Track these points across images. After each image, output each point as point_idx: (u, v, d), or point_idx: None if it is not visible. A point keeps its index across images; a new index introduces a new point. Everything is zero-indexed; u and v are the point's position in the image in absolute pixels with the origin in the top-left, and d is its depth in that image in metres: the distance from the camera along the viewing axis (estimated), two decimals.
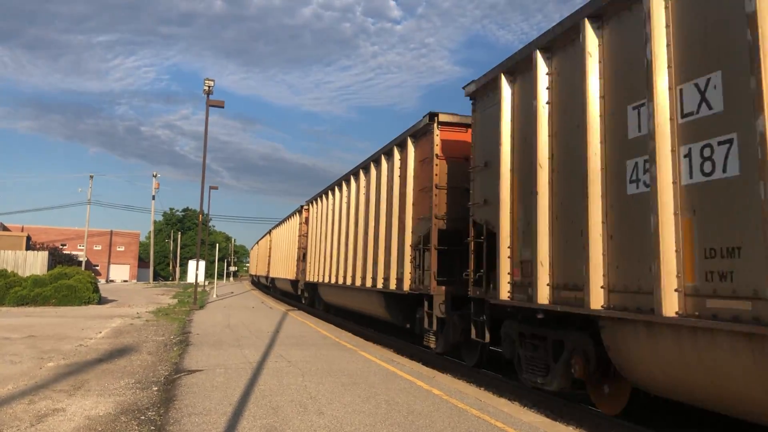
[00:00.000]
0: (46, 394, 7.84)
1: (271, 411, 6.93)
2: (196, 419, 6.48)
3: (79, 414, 6.81)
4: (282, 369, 9.88)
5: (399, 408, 7.21)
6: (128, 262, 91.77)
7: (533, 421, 6.85)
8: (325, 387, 8.41)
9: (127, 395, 7.87)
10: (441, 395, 8.04)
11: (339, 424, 6.42)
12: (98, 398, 7.64)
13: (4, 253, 29.99)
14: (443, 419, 6.71)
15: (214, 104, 26.24)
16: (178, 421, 6.41)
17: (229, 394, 7.82)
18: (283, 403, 7.36)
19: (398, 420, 6.64)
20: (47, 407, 7.12)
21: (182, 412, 6.80)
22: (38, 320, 18.66)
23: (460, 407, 7.34)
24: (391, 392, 8.14)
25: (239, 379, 8.84)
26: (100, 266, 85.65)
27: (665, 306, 5.60)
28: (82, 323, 17.95)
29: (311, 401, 7.49)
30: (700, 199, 5.50)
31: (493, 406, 7.53)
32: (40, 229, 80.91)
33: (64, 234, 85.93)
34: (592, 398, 7.53)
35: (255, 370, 9.66)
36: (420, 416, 6.82)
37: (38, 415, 6.73)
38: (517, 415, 7.10)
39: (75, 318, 19.81)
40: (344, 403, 7.43)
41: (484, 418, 6.83)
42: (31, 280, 26.35)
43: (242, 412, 6.86)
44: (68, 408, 7.09)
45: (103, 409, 7.05)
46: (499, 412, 7.13)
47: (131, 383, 8.69)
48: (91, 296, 26.89)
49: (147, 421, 6.57)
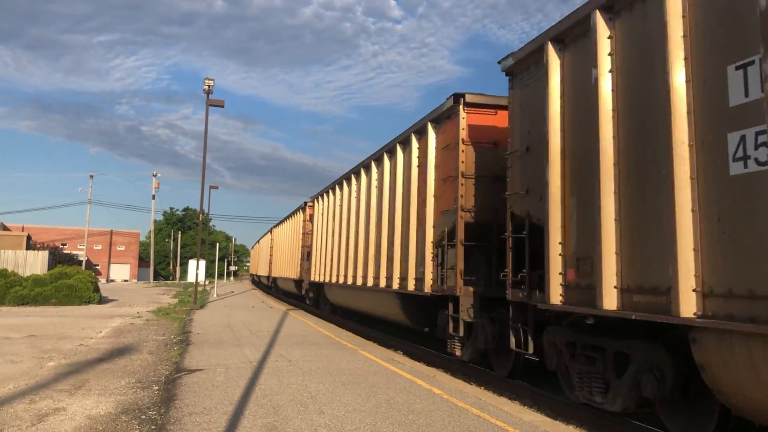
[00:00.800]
0: (46, 394, 7.85)
1: (272, 410, 6.93)
2: (197, 418, 6.49)
3: (80, 413, 6.82)
4: (282, 368, 9.89)
5: (399, 407, 7.22)
6: (128, 261, 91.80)
7: (534, 420, 6.86)
8: (326, 386, 8.42)
9: (128, 394, 7.88)
10: (441, 394, 8.04)
11: (339, 423, 6.43)
12: (99, 398, 7.65)
13: (4, 253, 30.00)
14: (443, 418, 6.71)
15: (214, 103, 26.26)
16: (179, 420, 6.41)
17: (230, 393, 7.83)
18: (284, 402, 7.37)
19: (398, 419, 6.64)
20: (48, 407, 7.13)
21: (183, 411, 6.81)
22: (39, 320, 18.67)
23: (461, 406, 7.35)
24: (392, 391, 8.15)
25: (240, 379, 8.85)
26: (101, 266, 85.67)
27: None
28: (83, 323, 17.96)
29: (311, 400, 7.49)
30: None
31: (493, 405, 7.54)
32: (40, 229, 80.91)
33: (64, 233, 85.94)
34: (665, 422, 6.39)
35: (255, 370, 9.67)
36: (420, 415, 6.82)
37: (39, 415, 6.74)
38: (517, 414, 7.11)
39: (75, 317, 19.83)
40: (344, 402, 7.44)
41: (484, 417, 6.83)
42: (32, 279, 26.37)
43: (243, 411, 6.87)
44: (69, 407, 7.10)
45: (104, 409, 7.06)
46: (499, 411, 7.14)
47: (132, 382, 8.70)
48: (92, 296, 26.91)
49: (148, 420, 6.58)
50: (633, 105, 6.39)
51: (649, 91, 6.09)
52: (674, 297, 5.40)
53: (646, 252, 5.99)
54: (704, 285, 5.26)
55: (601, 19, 6.85)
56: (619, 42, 6.72)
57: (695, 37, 5.62)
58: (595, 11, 6.85)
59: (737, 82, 5.11)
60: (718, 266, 5.14)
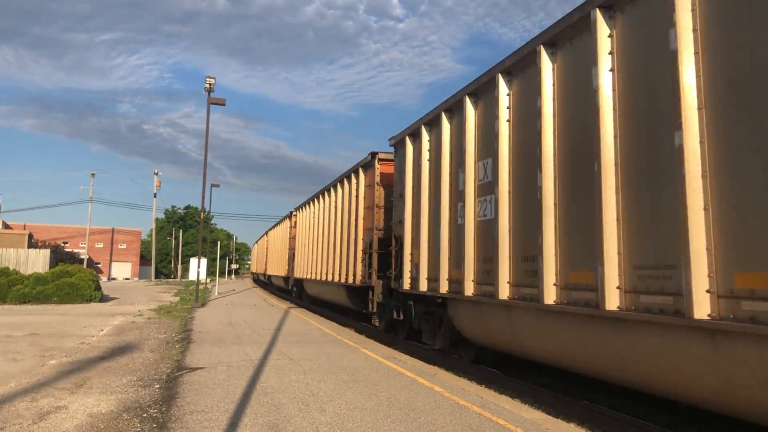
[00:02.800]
0: (48, 392, 7.86)
1: (273, 408, 6.93)
2: (198, 416, 6.49)
3: (81, 411, 6.83)
4: (283, 366, 9.89)
5: (400, 405, 7.22)
6: (130, 259, 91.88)
7: (535, 417, 6.85)
8: (327, 384, 8.42)
9: (129, 393, 7.89)
10: (442, 392, 8.04)
11: (341, 421, 6.43)
12: (100, 396, 7.66)
13: (6, 251, 30.02)
14: (445, 416, 6.71)
15: (216, 102, 26.25)
16: (180, 418, 6.42)
17: (231, 391, 7.83)
18: (285, 400, 7.37)
19: (400, 417, 6.64)
20: (50, 405, 7.14)
21: (184, 409, 6.81)
22: (40, 318, 18.70)
23: (462, 404, 7.34)
24: (393, 389, 8.15)
25: (241, 377, 8.85)
26: (102, 264, 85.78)
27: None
28: (84, 321, 17.99)
29: (313, 398, 7.49)
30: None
31: (494, 403, 7.53)
32: (42, 227, 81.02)
33: (66, 232, 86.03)
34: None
35: (257, 368, 9.67)
36: (421, 413, 6.82)
37: (41, 413, 6.75)
38: (518, 412, 7.10)
39: (77, 316, 19.85)
40: (346, 400, 7.43)
41: (485, 415, 6.83)
42: (33, 277, 26.39)
43: (244, 409, 6.87)
44: (70, 406, 7.11)
45: (106, 407, 7.06)
46: (500, 409, 7.14)
47: (133, 381, 8.71)
48: (93, 294, 26.94)
49: (149, 418, 6.58)
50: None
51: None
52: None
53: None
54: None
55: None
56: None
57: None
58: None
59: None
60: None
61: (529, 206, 7.99)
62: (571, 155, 7.27)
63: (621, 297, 6.18)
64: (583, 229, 6.91)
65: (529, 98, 8.22)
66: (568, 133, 7.35)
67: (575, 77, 7.33)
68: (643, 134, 6.12)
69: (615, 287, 6.23)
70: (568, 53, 7.51)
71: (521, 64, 8.48)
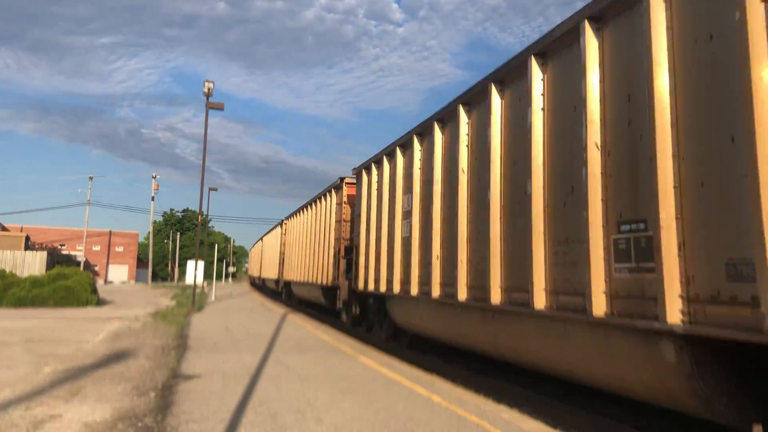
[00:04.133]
0: (43, 400, 7.78)
1: (270, 418, 6.88)
2: (194, 426, 6.43)
3: (76, 420, 6.76)
4: (280, 374, 9.84)
5: (398, 415, 7.17)
6: (127, 262, 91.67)
7: (533, 428, 6.81)
8: (324, 393, 8.37)
9: (125, 401, 7.82)
10: (440, 402, 7.99)
11: (337, 431, 6.38)
12: (95, 404, 7.59)
13: (2, 254, 29.94)
14: (443, 426, 6.66)
15: (214, 106, 26.24)
16: (176, 428, 6.36)
17: (227, 400, 7.77)
18: (282, 409, 7.32)
19: (397, 427, 6.59)
20: (44, 413, 7.07)
21: (180, 418, 6.76)
22: (36, 323, 18.59)
23: (460, 414, 7.30)
24: (391, 399, 8.10)
25: (237, 385, 8.79)
26: (99, 267, 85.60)
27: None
28: (80, 326, 17.89)
29: (309, 408, 7.44)
30: None
31: (492, 413, 7.49)
32: (39, 230, 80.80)
33: (63, 234, 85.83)
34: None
35: (253, 376, 9.61)
36: (419, 423, 6.77)
37: (35, 422, 6.68)
38: (516, 422, 7.06)
39: (73, 320, 19.75)
40: (343, 409, 7.38)
41: (483, 425, 6.78)
42: (30, 281, 26.25)
43: (240, 419, 6.81)
44: (65, 414, 7.04)
45: (100, 416, 6.99)
46: (498, 420, 7.09)
47: (129, 389, 8.64)
48: (90, 297, 26.79)
49: (144, 428, 6.52)
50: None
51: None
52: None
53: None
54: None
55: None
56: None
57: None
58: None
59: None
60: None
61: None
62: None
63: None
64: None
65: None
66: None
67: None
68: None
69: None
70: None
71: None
